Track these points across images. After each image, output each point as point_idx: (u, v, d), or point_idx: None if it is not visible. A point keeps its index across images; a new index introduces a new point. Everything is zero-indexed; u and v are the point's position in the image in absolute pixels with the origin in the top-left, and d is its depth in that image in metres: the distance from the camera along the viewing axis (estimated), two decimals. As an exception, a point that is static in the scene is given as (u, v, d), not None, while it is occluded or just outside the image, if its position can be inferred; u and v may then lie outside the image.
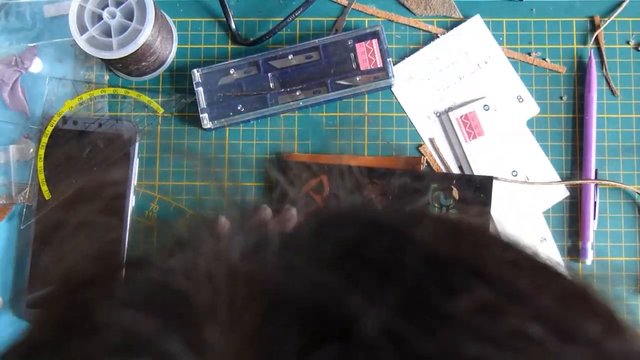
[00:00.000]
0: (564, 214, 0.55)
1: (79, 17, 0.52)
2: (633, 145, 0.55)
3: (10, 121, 0.57)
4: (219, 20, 0.58)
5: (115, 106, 0.57)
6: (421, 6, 0.57)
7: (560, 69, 0.56)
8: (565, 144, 0.55)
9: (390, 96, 0.57)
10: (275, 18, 0.58)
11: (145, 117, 0.56)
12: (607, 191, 0.55)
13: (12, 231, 0.56)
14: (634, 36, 0.56)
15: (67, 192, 0.54)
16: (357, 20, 0.57)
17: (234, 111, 0.55)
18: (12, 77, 0.58)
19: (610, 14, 0.56)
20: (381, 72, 0.55)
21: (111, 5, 0.52)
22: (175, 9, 0.58)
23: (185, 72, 0.57)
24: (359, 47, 0.55)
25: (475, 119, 0.55)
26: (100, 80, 0.58)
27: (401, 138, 0.56)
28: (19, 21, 0.58)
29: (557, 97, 0.56)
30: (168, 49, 0.56)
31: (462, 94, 0.56)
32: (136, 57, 0.52)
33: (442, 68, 0.56)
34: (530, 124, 0.56)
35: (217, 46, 0.58)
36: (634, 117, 0.56)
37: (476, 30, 0.57)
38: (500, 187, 0.54)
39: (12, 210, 0.56)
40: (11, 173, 0.56)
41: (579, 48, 0.57)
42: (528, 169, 0.55)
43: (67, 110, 0.55)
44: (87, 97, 0.56)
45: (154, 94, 0.57)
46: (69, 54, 0.58)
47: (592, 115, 0.55)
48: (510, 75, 0.56)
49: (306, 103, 0.55)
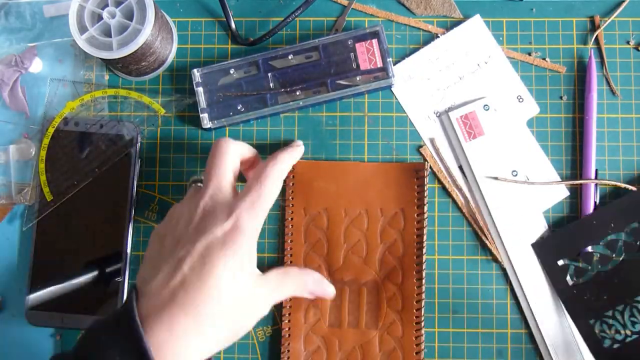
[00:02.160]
0: (564, 214, 0.55)
1: (79, 17, 0.51)
2: (633, 145, 0.55)
3: (10, 121, 0.57)
4: (219, 20, 0.58)
5: (115, 106, 0.57)
6: (421, 6, 0.57)
7: (560, 69, 0.56)
8: (565, 144, 0.56)
9: (390, 96, 0.57)
10: (275, 18, 0.58)
11: (146, 118, 0.56)
12: (607, 191, 0.55)
13: (13, 232, 0.56)
14: (634, 36, 0.56)
15: (68, 194, 0.54)
16: (357, 20, 0.57)
17: (234, 111, 0.55)
18: (12, 77, 0.58)
19: (610, 14, 0.57)
20: (381, 72, 0.55)
21: (111, 5, 0.52)
22: (175, 9, 0.58)
23: (185, 72, 0.57)
24: (359, 47, 0.55)
25: (475, 119, 0.55)
26: (100, 80, 0.58)
27: (401, 138, 0.56)
28: (19, 21, 0.58)
29: (557, 97, 0.56)
30: (168, 49, 0.56)
31: (462, 94, 0.56)
32: (136, 57, 0.52)
33: (442, 68, 0.56)
34: (530, 124, 0.56)
35: (217, 46, 0.58)
36: (634, 117, 0.56)
37: (476, 30, 0.57)
38: (500, 187, 0.54)
39: (12, 211, 0.56)
40: (11, 173, 0.56)
41: (579, 48, 0.57)
42: (528, 169, 0.55)
43: (69, 111, 0.55)
44: (89, 98, 0.56)
45: (154, 94, 0.57)
46: (69, 54, 0.58)
47: (592, 115, 0.55)
48: (510, 75, 0.56)
49: (306, 103, 0.55)
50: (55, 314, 0.53)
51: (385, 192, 0.51)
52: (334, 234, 0.51)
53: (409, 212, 0.51)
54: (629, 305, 0.52)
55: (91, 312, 0.53)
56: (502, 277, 0.54)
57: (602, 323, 0.52)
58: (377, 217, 0.51)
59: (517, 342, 0.54)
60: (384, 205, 0.51)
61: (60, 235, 0.54)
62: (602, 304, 0.52)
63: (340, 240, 0.51)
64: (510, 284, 0.54)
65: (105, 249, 0.54)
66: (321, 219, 0.52)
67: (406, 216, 0.51)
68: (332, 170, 0.52)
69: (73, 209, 0.54)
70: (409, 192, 0.51)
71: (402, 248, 0.50)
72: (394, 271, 0.50)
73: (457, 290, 0.54)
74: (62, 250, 0.54)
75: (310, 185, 0.52)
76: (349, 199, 0.51)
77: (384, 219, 0.51)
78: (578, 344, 0.53)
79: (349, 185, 0.52)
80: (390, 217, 0.51)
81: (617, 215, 0.53)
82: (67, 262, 0.54)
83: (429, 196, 0.54)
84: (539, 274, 0.54)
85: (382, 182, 0.52)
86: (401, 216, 0.51)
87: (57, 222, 0.54)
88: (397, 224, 0.51)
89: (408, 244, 0.51)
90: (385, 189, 0.51)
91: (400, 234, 0.51)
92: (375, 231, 0.51)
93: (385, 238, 0.51)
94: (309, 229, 0.52)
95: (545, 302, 0.53)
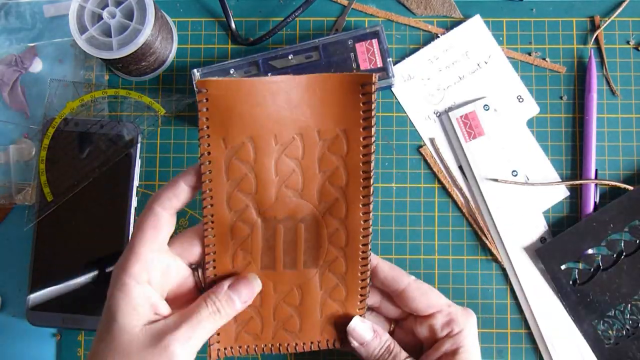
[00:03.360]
0: (564, 214, 0.55)
1: (79, 17, 0.51)
2: (633, 145, 0.55)
3: (10, 121, 0.57)
4: (219, 20, 0.58)
5: (115, 106, 0.57)
6: (421, 6, 0.57)
7: (560, 69, 0.56)
8: (565, 144, 0.56)
9: (390, 96, 0.57)
10: (275, 18, 0.58)
11: (146, 118, 0.56)
12: (607, 191, 0.55)
13: (13, 232, 0.56)
14: (634, 36, 0.56)
15: (69, 194, 0.54)
16: (357, 20, 0.57)
17: (234, 111, 0.55)
18: (12, 77, 0.58)
19: (610, 14, 0.57)
20: (381, 72, 0.55)
21: (111, 5, 0.52)
22: (175, 9, 0.58)
23: (185, 72, 0.57)
24: (359, 47, 0.55)
25: (475, 119, 0.55)
26: (100, 80, 0.58)
27: (401, 138, 0.56)
28: (19, 21, 0.58)
29: (557, 97, 0.56)
30: (168, 49, 0.56)
31: (462, 94, 0.56)
32: (136, 57, 0.52)
33: (442, 68, 0.57)
34: (530, 124, 0.56)
35: (217, 46, 0.58)
36: (634, 117, 0.56)
37: (476, 30, 0.57)
38: (500, 187, 0.55)
39: (13, 211, 0.56)
40: (11, 173, 0.56)
41: (579, 48, 0.57)
42: (528, 169, 0.55)
43: (69, 111, 0.55)
44: (89, 98, 0.56)
45: (154, 94, 0.57)
46: (69, 54, 0.58)
47: (592, 115, 0.55)
48: (510, 75, 0.56)
49: (306, 103, 0.55)
50: (55, 314, 0.53)
51: (324, 111, 0.42)
52: (263, 167, 0.42)
53: (353, 135, 0.42)
54: (629, 304, 0.52)
55: (91, 312, 0.53)
56: (502, 277, 0.54)
57: (604, 323, 0.52)
58: (315, 141, 0.42)
59: (517, 342, 0.54)
60: (322, 126, 0.42)
61: (61, 235, 0.54)
62: (604, 303, 0.52)
63: (271, 173, 0.42)
64: (510, 284, 0.54)
65: (105, 249, 0.54)
66: (246, 150, 0.42)
67: (349, 139, 0.42)
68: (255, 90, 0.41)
69: (73, 209, 0.54)
70: (352, 110, 0.42)
71: (345, 177, 0.42)
72: (337, 203, 0.43)
73: (457, 290, 0.54)
74: (62, 250, 0.54)
75: (230, 110, 0.41)
76: (280, 123, 0.41)
77: (322, 143, 0.42)
78: (578, 343, 0.53)
79: (278, 106, 0.41)
80: (330, 140, 0.42)
81: (617, 214, 0.53)
82: (67, 262, 0.54)
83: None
84: (538, 274, 0.54)
85: (319, 99, 0.42)
86: (343, 139, 0.42)
87: (57, 222, 0.54)
88: (339, 149, 0.42)
89: (352, 171, 0.42)
90: (323, 107, 0.42)
91: (343, 160, 0.42)
92: (312, 159, 0.42)
93: (324, 166, 0.42)
94: (231, 163, 0.41)
95: (545, 303, 0.53)
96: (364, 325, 0.43)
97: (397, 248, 0.55)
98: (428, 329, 0.44)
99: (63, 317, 0.53)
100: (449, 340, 0.43)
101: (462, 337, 0.43)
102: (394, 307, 0.46)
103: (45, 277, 0.53)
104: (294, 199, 0.43)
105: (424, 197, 0.55)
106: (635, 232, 0.53)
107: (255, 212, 0.42)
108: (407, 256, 0.55)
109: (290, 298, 0.44)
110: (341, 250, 0.43)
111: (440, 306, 0.43)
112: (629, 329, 0.52)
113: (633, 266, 0.52)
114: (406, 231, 0.55)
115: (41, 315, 0.53)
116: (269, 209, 0.43)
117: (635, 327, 0.52)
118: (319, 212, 0.43)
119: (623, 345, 0.52)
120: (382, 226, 0.55)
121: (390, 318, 0.46)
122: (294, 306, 0.44)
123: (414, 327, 0.45)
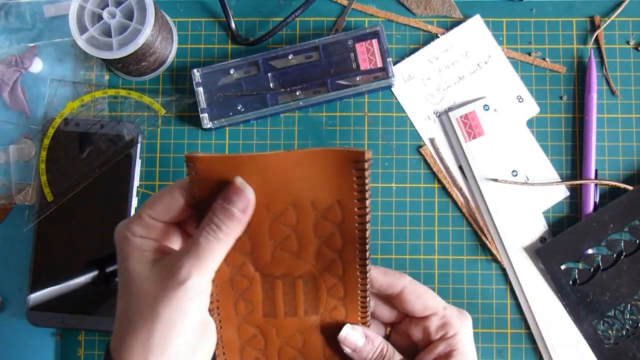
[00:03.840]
0: (564, 214, 0.55)
1: (79, 17, 0.51)
2: (633, 145, 0.55)
3: (10, 121, 0.57)
4: (219, 20, 0.58)
5: (115, 106, 0.57)
6: (421, 6, 0.57)
7: (560, 69, 0.56)
8: (565, 144, 0.56)
9: (390, 96, 0.57)
10: (275, 18, 0.58)
11: (146, 118, 0.56)
12: (607, 191, 0.55)
13: (14, 232, 0.56)
14: (634, 36, 0.56)
15: (69, 194, 0.54)
16: (357, 20, 0.57)
17: (234, 111, 0.55)
18: (12, 77, 0.58)
19: (610, 14, 0.57)
20: (381, 72, 0.55)
21: (111, 5, 0.52)
22: (175, 9, 0.58)
23: (185, 72, 0.57)
24: (359, 47, 0.55)
25: (475, 119, 0.55)
26: (100, 80, 0.58)
27: (401, 138, 0.56)
28: (19, 21, 0.58)
29: (557, 97, 0.56)
30: (168, 49, 0.56)
31: (462, 94, 0.56)
32: (136, 57, 0.52)
33: (442, 68, 0.57)
34: (530, 124, 0.56)
35: (217, 46, 0.58)
36: (634, 117, 0.56)
37: (476, 30, 0.57)
38: (500, 187, 0.55)
39: (13, 211, 0.56)
40: (11, 173, 0.56)
41: (579, 48, 0.57)
42: (528, 169, 0.55)
43: (69, 111, 0.55)
44: (89, 98, 0.56)
45: (154, 94, 0.57)
46: (69, 54, 0.58)
47: (592, 115, 0.55)
48: (510, 75, 0.56)
49: (306, 103, 0.55)
50: (55, 314, 0.53)
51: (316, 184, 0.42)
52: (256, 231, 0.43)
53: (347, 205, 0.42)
54: (629, 304, 0.52)
55: (91, 312, 0.53)
56: (502, 277, 0.54)
57: (604, 323, 0.52)
58: (308, 211, 0.43)
59: (517, 342, 0.54)
60: (315, 197, 0.42)
61: (61, 235, 0.54)
62: (604, 303, 0.52)
63: (266, 237, 0.43)
64: (510, 284, 0.54)
65: (105, 249, 0.54)
66: None
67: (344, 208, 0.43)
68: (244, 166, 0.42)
69: (73, 209, 0.54)
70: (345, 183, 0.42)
71: (341, 241, 0.43)
72: (334, 263, 0.44)
73: (457, 290, 0.54)
74: (62, 251, 0.54)
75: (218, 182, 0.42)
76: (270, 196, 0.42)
77: (316, 212, 0.43)
78: (578, 343, 0.53)
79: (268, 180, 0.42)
80: (325, 210, 0.43)
81: (617, 214, 0.53)
82: (67, 262, 0.54)
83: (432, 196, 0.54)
84: (538, 274, 0.54)
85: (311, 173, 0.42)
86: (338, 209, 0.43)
87: (57, 223, 0.54)
88: (334, 217, 0.43)
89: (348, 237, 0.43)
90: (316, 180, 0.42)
91: (338, 227, 0.43)
92: (307, 226, 0.43)
93: (320, 232, 0.43)
94: None
95: (545, 303, 0.53)
96: (354, 332, 0.44)
97: (397, 248, 0.55)
98: (422, 331, 0.44)
99: (63, 317, 0.53)
100: (443, 343, 0.43)
101: (456, 340, 0.43)
102: (388, 311, 0.46)
103: (45, 277, 0.54)
104: (290, 260, 0.44)
105: (424, 197, 0.55)
106: (635, 232, 0.53)
107: (253, 267, 0.43)
108: (407, 256, 0.55)
109: (293, 341, 0.45)
110: (340, 300, 0.44)
111: (435, 308, 0.43)
112: (629, 329, 0.52)
113: (633, 266, 0.52)
114: (406, 231, 0.55)
115: (41, 315, 0.53)
116: (266, 266, 0.43)
117: (635, 327, 0.52)
118: (316, 270, 0.44)
119: (623, 345, 0.52)
120: (382, 226, 0.55)
121: (385, 322, 0.46)
122: (297, 348, 0.45)
123: (408, 329, 0.45)
